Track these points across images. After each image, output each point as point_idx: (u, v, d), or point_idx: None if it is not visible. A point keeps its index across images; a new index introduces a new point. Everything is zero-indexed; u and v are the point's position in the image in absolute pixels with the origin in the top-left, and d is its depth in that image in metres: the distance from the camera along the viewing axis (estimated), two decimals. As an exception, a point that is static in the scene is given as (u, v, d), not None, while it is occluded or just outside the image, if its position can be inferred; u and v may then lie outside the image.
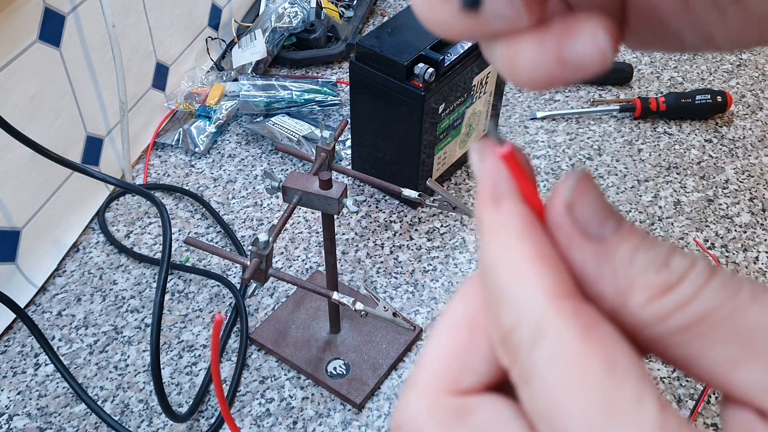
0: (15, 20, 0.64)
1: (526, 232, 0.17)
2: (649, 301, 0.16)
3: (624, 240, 0.16)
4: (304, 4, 1.02)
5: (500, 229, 0.17)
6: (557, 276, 0.16)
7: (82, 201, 0.79)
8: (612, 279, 0.16)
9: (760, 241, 0.79)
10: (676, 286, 0.16)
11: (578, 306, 0.16)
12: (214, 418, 0.63)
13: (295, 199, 0.55)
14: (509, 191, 0.17)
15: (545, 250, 0.16)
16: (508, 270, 0.16)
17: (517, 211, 0.17)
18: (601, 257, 0.16)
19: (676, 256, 0.16)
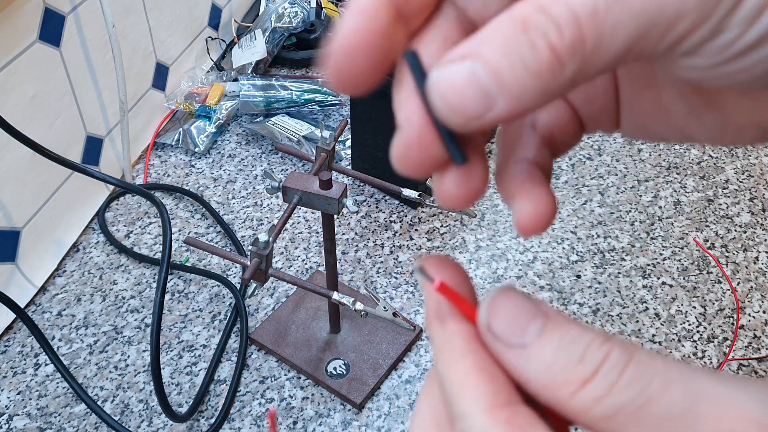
0: (15, 20, 0.64)
1: (466, 348, 0.19)
2: (572, 395, 0.18)
3: (545, 342, 0.18)
4: (304, 4, 1.02)
5: (445, 346, 0.20)
6: (495, 386, 0.19)
7: (82, 201, 0.79)
8: (540, 379, 0.18)
9: (760, 241, 0.79)
10: (590, 380, 0.18)
11: (512, 413, 0.18)
12: (214, 418, 0.63)
13: (295, 199, 0.55)
14: (451, 311, 0.20)
15: (484, 362, 0.19)
16: (454, 384, 0.19)
17: (459, 329, 0.20)
18: (527, 362, 0.18)
19: (591, 349, 0.18)
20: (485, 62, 0.16)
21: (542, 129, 0.23)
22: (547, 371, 0.18)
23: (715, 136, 0.21)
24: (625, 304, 0.72)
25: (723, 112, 0.20)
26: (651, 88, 0.22)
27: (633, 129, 0.23)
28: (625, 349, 0.18)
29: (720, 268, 0.76)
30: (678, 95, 0.21)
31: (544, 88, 0.16)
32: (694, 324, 0.70)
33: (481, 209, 0.82)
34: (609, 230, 0.80)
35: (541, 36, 0.16)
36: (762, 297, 0.73)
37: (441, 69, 0.17)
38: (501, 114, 0.17)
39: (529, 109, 0.17)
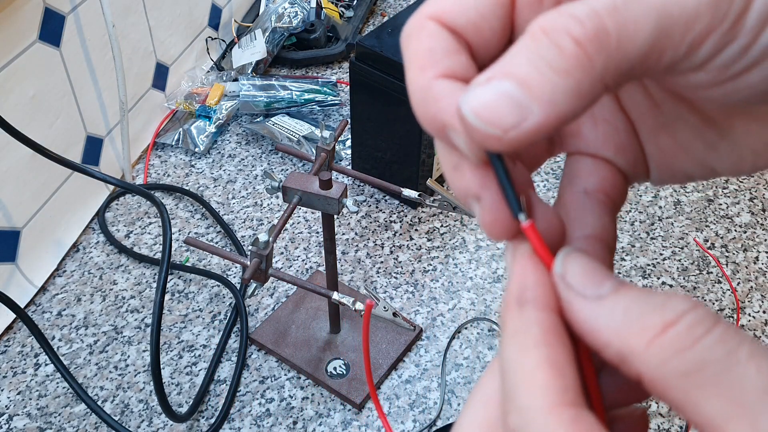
0: (15, 20, 0.64)
1: (542, 338, 0.18)
2: (649, 343, 0.17)
3: (620, 296, 0.18)
4: (304, 4, 1.02)
5: (519, 333, 0.18)
6: (563, 384, 0.17)
7: (82, 201, 0.79)
8: (612, 327, 0.17)
9: (760, 241, 0.79)
10: (673, 325, 0.16)
11: (578, 415, 0.17)
12: (214, 418, 0.63)
13: (295, 199, 0.55)
14: (534, 298, 0.19)
15: (558, 357, 0.18)
16: (519, 374, 0.18)
17: (538, 318, 0.18)
18: (600, 312, 0.18)
19: (674, 299, 0.17)
20: (512, 76, 0.16)
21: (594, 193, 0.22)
22: (623, 317, 0.17)
23: (735, 165, 0.21)
24: (625, 304, 0.72)
25: (735, 139, 0.20)
26: (665, 127, 0.22)
27: (661, 172, 0.23)
28: (709, 312, 0.17)
29: (720, 268, 0.76)
30: (691, 132, 0.21)
31: (577, 87, 0.16)
32: (694, 324, 0.70)
33: (481, 209, 0.82)
34: (609, 230, 0.80)
35: (564, 33, 0.16)
36: (762, 297, 0.73)
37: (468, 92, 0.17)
38: (539, 121, 0.16)
39: (567, 114, 0.16)
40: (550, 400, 0.17)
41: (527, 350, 0.18)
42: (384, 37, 0.73)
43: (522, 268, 0.19)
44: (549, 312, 0.19)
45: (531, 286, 0.19)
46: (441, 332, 0.69)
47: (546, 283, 0.19)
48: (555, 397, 0.17)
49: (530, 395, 0.17)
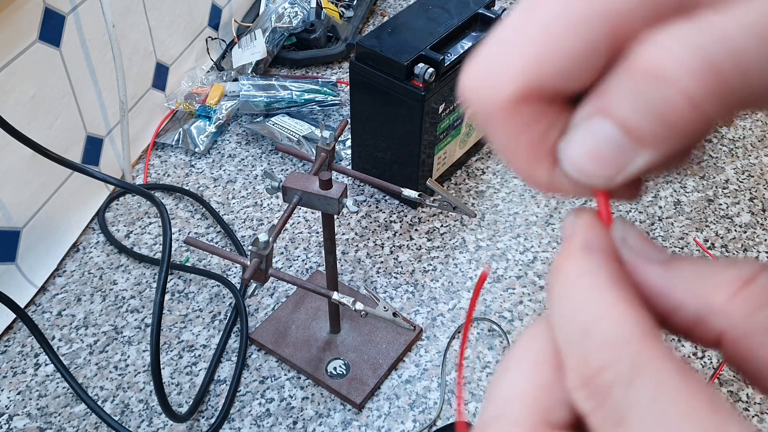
0: (15, 20, 0.64)
1: (616, 279, 0.17)
2: (731, 297, 0.16)
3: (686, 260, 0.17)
4: (304, 4, 1.02)
5: (590, 275, 0.17)
6: (649, 319, 0.16)
7: (82, 201, 0.79)
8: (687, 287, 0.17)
9: (760, 241, 0.79)
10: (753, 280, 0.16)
11: (668, 349, 0.16)
12: (214, 418, 0.63)
13: (295, 199, 0.55)
14: (602, 246, 0.18)
15: (634, 296, 0.17)
16: (598, 311, 0.16)
17: (607, 262, 0.17)
18: (670, 273, 0.17)
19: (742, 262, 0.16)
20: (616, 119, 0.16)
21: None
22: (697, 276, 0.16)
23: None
24: (625, 304, 0.72)
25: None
26: None
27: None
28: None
29: (720, 268, 0.76)
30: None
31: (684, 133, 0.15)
32: (694, 324, 0.70)
33: (481, 209, 0.82)
34: (609, 230, 0.80)
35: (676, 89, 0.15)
36: (762, 297, 0.73)
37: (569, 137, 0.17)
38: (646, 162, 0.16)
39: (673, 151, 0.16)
40: (644, 331, 0.16)
41: (603, 288, 0.17)
42: (384, 37, 0.73)
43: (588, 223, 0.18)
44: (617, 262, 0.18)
45: (597, 236, 0.18)
46: (441, 332, 0.69)
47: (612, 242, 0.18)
48: (647, 330, 0.16)
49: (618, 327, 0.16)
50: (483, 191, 0.85)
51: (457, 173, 0.87)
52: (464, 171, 0.88)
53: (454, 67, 0.73)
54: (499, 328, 0.69)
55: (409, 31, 0.74)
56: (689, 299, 0.17)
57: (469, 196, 0.84)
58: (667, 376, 0.15)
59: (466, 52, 0.74)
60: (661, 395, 0.15)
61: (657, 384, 0.15)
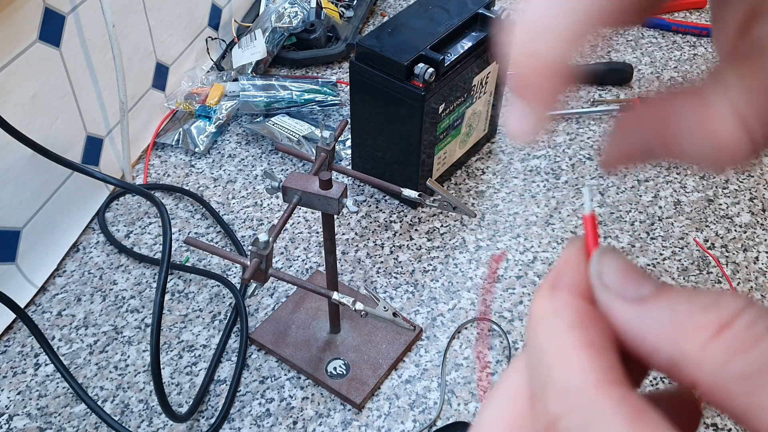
0: (15, 20, 0.64)
1: (576, 320, 0.17)
2: (704, 344, 0.15)
3: (665, 297, 0.16)
4: (304, 4, 1.02)
5: (551, 316, 0.17)
6: (606, 363, 0.16)
7: (82, 201, 0.79)
8: (661, 331, 0.16)
9: (760, 241, 0.79)
10: (729, 326, 0.15)
11: (626, 393, 0.15)
12: (214, 418, 0.63)
13: (295, 199, 0.55)
14: (568, 283, 0.18)
15: (595, 337, 0.17)
16: (555, 357, 0.16)
17: (571, 301, 0.17)
18: (644, 315, 0.16)
19: (725, 297, 0.16)
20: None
21: None
22: (672, 319, 0.16)
23: None
24: (625, 304, 0.72)
25: None
26: None
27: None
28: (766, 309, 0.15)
29: (720, 268, 0.76)
30: None
31: None
32: (694, 324, 0.70)
33: (481, 209, 0.82)
34: (609, 230, 0.80)
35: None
36: (762, 297, 0.73)
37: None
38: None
39: None
40: (595, 378, 0.16)
41: (561, 332, 0.17)
42: (384, 37, 0.73)
43: (566, 257, 0.18)
44: (583, 299, 0.17)
45: (569, 272, 0.18)
46: (441, 332, 0.69)
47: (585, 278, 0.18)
48: (599, 375, 0.16)
49: (573, 376, 0.16)
50: (483, 191, 0.85)
51: (457, 173, 0.87)
52: (464, 171, 0.88)
53: (454, 67, 0.73)
54: (499, 328, 0.69)
55: (409, 31, 0.74)
56: (662, 345, 0.16)
57: (469, 196, 0.84)
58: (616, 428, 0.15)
59: (467, 52, 0.74)
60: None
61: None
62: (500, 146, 0.91)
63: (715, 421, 0.62)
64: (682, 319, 0.16)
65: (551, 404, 0.16)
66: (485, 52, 0.77)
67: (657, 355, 0.16)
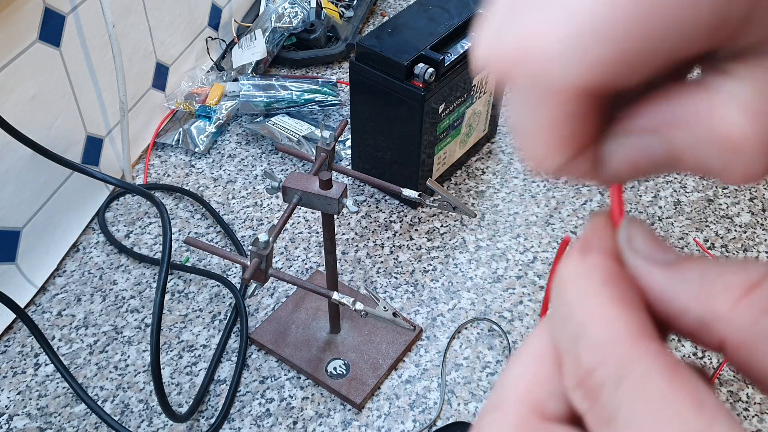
0: (15, 20, 0.64)
1: (609, 279, 0.17)
2: (734, 304, 0.15)
3: (692, 262, 0.17)
4: (304, 4, 1.02)
5: (583, 276, 0.17)
6: (639, 319, 0.16)
7: (82, 201, 0.79)
8: (691, 291, 0.16)
9: (760, 241, 0.79)
10: (758, 285, 0.15)
11: (662, 347, 0.16)
12: (214, 418, 0.63)
13: (295, 199, 0.55)
14: (598, 247, 0.18)
15: (627, 295, 0.17)
16: (590, 312, 0.17)
17: (602, 262, 0.17)
18: (674, 277, 0.17)
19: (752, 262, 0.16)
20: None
21: None
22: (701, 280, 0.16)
23: None
24: (625, 304, 0.72)
25: None
26: None
27: None
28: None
29: (720, 268, 0.76)
30: None
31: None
32: (694, 324, 0.70)
33: (481, 209, 0.82)
34: (609, 230, 0.80)
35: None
36: (762, 297, 0.73)
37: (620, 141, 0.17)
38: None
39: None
40: (631, 332, 0.16)
41: (595, 290, 0.17)
42: (384, 37, 0.73)
43: (593, 226, 0.18)
44: (615, 261, 0.18)
45: (598, 236, 0.18)
46: (441, 332, 0.69)
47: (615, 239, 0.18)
48: (635, 330, 0.16)
49: (607, 329, 0.16)
50: (483, 191, 0.85)
51: (457, 173, 0.87)
52: (464, 171, 0.88)
53: (454, 67, 0.73)
54: (499, 328, 0.69)
55: (409, 31, 0.74)
56: (692, 304, 0.16)
57: (469, 196, 0.84)
58: (653, 377, 0.15)
59: (466, 52, 0.74)
60: (648, 396, 0.15)
61: (643, 385, 0.15)
62: (500, 146, 0.91)
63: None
64: (711, 280, 0.16)
65: (584, 358, 0.16)
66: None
67: (685, 315, 0.16)
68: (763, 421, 0.63)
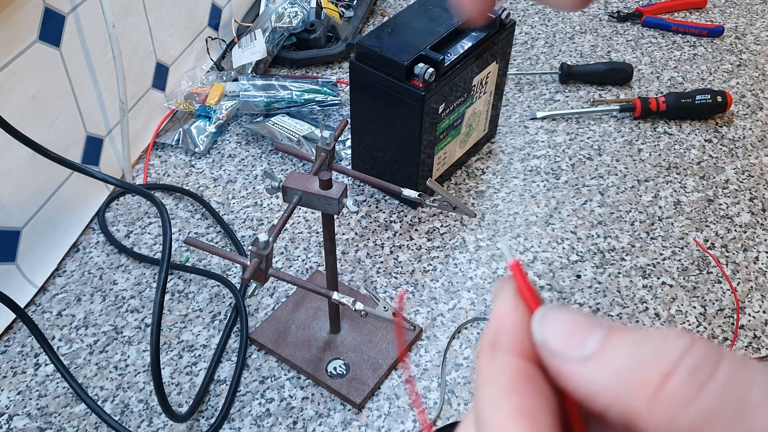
0: (15, 20, 0.64)
1: (513, 386, 0.17)
2: (650, 400, 0.15)
3: (609, 349, 0.16)
4: (304, 4, 1.02)
5: (491, 382, 0.18)
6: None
7: (82, 201, 0.79)
8: (609, 387, 0.16)
9: (760, 241, 0.79)
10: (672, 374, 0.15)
11: None
12: (214, 418, 0.63)
13: (295, 199, 0.55)
14: (508, 343, 0.18)
15: (531, 405, 0.17)
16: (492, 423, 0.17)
17: (510, 364, 0.18)
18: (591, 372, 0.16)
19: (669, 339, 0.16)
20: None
21: None
22: (617, 375, 0.16)
23: None
24: (625, 304, 0.72)
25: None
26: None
27: None
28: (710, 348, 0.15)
29: (720, 268, 0.76)
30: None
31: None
32: (694, 324, 0.70)
33: (481, 209, 0.82)
34: (609, 230, 0.80)
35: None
36: (762, 297, 0.73)
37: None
38: None
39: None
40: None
41: (498, 400, 0.17)
42: (384, 37, 0.73)
43: (502, 308, 0.18)
44: (523, 359, 0.18)
45: (507, 329, 0.18)
46: (441, 332, 0.69)
47: (525, 326, 0.18)
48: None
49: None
50: (483, 191, 0.85)
51: (457, 173, 0.87)
52: (464, 171, 0.88)
53: (454, 67, 0.73)
54: (499, 328, 0.69)
55: (409, 31, 0.74)
56: (614, 403, 0.16)
57: (469, 196, 0.84)
58: None
59: (467, 52, 0.74)
60: None
61: None
62: (500, 146, 0.91)
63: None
64: (627, 375, 0.16)
65: None
66: (485, 52, 0.77)
67: (611, 411, 0.16)
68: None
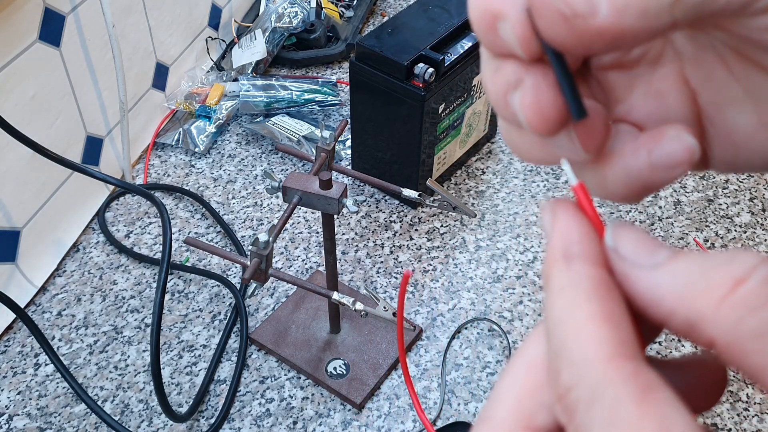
0: (15, 20, 0.64)
1: (594, 292, 0.17)
2: (719, 302, 0.15)
3: (680, 260, 0.16)
4: (304, 4, 1.02)
5: (569, 288, 0.17)
6: (620, 337, 0.16)
7: (82, 201, 0.79)
8: (677, 293, 0.16)
9: (760, 241, 0.79)
10: (743, 282, 0.15)
11: (638, 368, 0.16)
12: (214, 418, 0.63)
13: (295, 199, 0.55)
14: (581, 252, 0.18)
15: (612, 310, 0.17)
16: (570, 329, 0.17)
17: (588, 272, 0.17)
18: (660, 279, 0.17)
19: (740, 254, 0.16)
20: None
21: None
22: (687, 279, 0.16)
23: None
24: (625, 304, 0.72)
25: None
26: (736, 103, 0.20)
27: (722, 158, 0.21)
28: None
29: (720, 268, 0.76)
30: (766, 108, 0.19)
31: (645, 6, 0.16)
32: (694, 324, 0.70)
33: (481, 209, 0.82)
34: (609, 230, 0.80)
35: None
36: (762, 297, 0.73)
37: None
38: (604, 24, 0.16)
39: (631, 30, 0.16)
40: (607, 351, 0.16)
41: (578, 304, 0.17)
42: (384, 37, 0.73)
43: (566, 223, 0.18)
44: (598, 267, 0.17)
45: (577, 241, 0.18)
46: (441, 332, 0.69)
47: (593, 239, 0.18)
48: (612, 349, 0.16)
49: (585, 348, 0.16)
50: (483, 191, 0.85)
51: (457, 173, 0.87)
52: (464, 171, 0.88)
53: (454, 67, 0.73)
54: (499, 328, 0.69)
55: (409, 31, 0.74)
56: (678, 306, 0.16)
57: (469, 196, 0.84)
58: (623, 403, 0.15)
59: (467, 52, 0.74)
60: (616, 422, 0.15)
61: (613, 410, 0.15)
62: (500, 146, 0.91)
63: (716, 420, 0.62)
64: (696, 279, 0.16)
65: (563, 375, 0.16)
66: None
67: (674, 317, 0.16)
68: (763, 421, 0.63)
